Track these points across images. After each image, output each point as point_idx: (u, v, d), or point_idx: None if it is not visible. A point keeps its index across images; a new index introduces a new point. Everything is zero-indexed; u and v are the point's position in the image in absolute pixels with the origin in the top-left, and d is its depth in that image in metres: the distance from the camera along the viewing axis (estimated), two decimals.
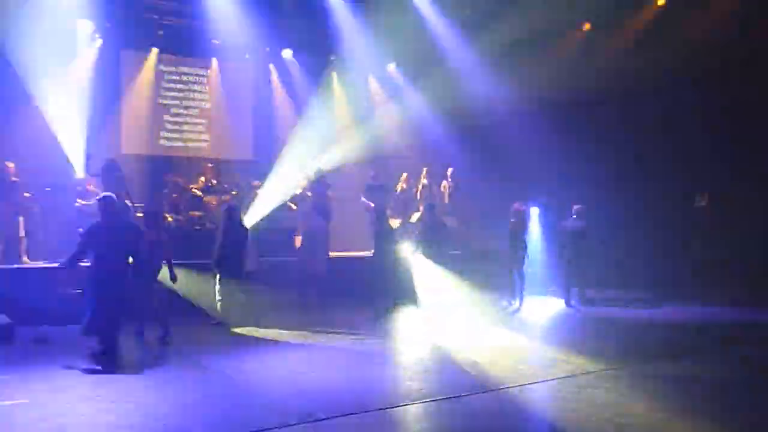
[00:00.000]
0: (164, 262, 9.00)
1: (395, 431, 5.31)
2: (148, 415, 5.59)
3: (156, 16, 14.93)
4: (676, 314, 10.72)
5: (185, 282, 10.48)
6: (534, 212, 14.08)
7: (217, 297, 10.25)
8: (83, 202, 12.06)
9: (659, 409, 5.60)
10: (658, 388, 6.28)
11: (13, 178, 11.36)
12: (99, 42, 14.82)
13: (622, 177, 13.65)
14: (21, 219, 11.30)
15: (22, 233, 11.28)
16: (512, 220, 11.83)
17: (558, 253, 12.60)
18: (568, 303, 11.84)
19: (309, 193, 13.82)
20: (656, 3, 13.95)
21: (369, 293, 11.59)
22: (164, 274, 9.11)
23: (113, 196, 8.28)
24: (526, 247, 11.94)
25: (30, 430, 5.18)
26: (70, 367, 7.24)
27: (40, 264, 11.10)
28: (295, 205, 14.09)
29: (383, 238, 12.03)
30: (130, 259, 8.04)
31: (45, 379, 6.75)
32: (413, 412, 5.64)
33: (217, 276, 10.26)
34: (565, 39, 15.43)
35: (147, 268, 8.69)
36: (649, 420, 5.29)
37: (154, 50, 15.71)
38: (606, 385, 6.38)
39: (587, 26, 15.22)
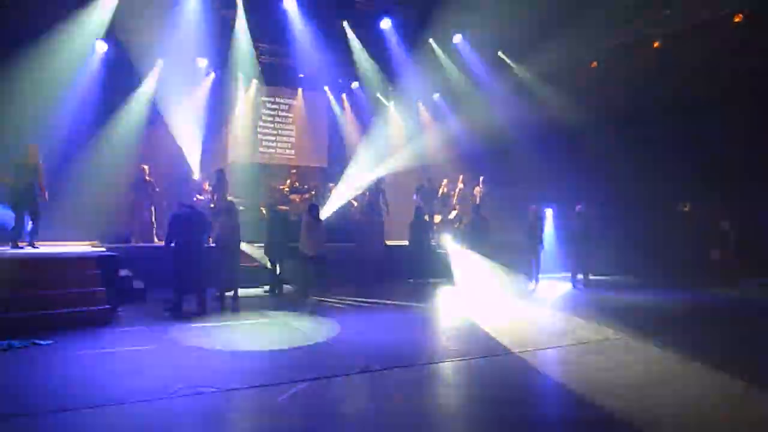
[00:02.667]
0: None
1: (435, 382, 5.18)
2: (237, 356, 5.62)
3: (256, 56, 15.11)
4: (664, 296, 10.29)
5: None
6: (548, 212, 13.81)
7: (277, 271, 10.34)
8: (200, 197, 12.30)
9: (648, 372, 5.34)
10: (648, 354, 5.99)
11: (147, 178, 11.62)
12: (213, 75, 15.10)
13: (621, 186, 13.24)
14: (153, 209, 11.57)
15: (152, 220, 11.54)
16: (530, 218, 11.64)
17: (566, 245, 12.34)
18: (574, 285, 11.52)
19: (368, 194, 13.83)
20: (653, 45, 13.46)
21: (409, 271, 11.83)
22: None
23: (191, 197, 8.62)
24: (541, 239, 11.76)
25: (154, 370, 5.25)
26: (186, 322, 7.37)
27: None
28: (356, 202, 14.10)
29: (415, 229, 12.20)
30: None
31: (168, 330, 6.86)
32: (449, 367, 5.51)
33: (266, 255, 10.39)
34: (575, 75, 15.06)
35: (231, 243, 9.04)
36: (639, 381, 5.03)
37: (254, 81, 15.91)
38: (606, 351, 6.12)
39: (594, 64, 14.80)
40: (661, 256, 13.02)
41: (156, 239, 11.56)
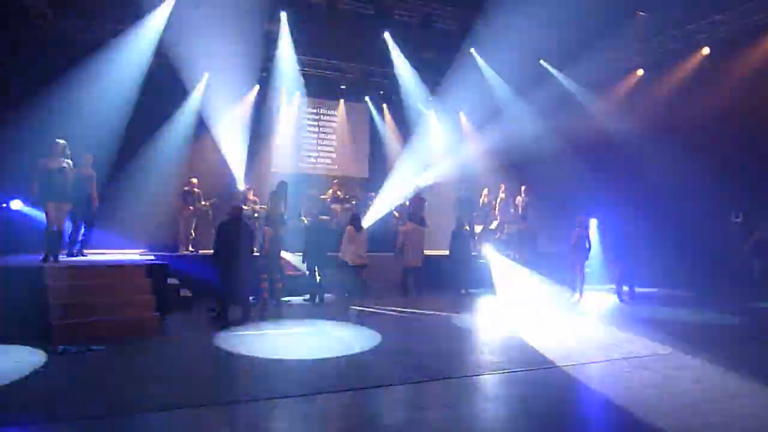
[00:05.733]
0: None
1: (477, 395, 5.16)
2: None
3: (299, 68, 15.39)
4: (715, 310, 9.95)
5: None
6: (593, 222, 13.56)
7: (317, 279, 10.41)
8: (245, 207, 12.55)
9: (698, 389, 5.18)
10: (698, 371, 5.81)
11: (196, 190, 11.95)
12: (257, 87, 15.44)
13: (670, 196, 12.87)
14: (194, 221, 11.89)
15: (192, 230, 11.85)
16: (575, 228, 11.43)
17: (612, 256, 12.08)
18: (620, 298, 11.25)
19: (408, 203, 13.90)
20: (701, 52, 13.11)
21: (449, 281, 11.82)
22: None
23: (240, 205, 8.80)
24: (585, 250, 11.52)
25: (199, 377, 5.38)
26: (231, 330, 7.54)
27: (211, 252, 11.60)
28: (398, 213, 14.15)
29: (455, 239, 12.14)
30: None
31: (214, 338, 7.03)
32: (491, 380, 5.47)
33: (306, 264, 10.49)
34: (623, 83, 14.79)
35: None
36: (688, 398, 4.89)
37: (297, 93, 16.20)
38: (654, 367, 5.97)
39: (640, 72, 14.51)
40: (711, 269, 12.59)
41: (191, 247, 11.81)
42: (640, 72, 14.48)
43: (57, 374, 5.34)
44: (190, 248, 11.78)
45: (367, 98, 17.22)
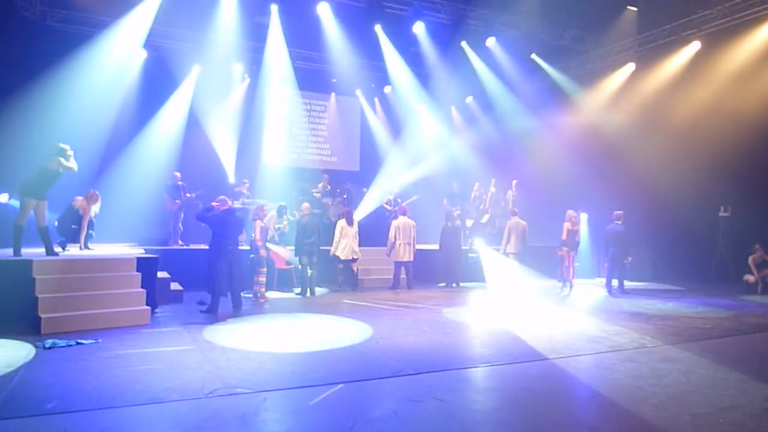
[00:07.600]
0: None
1: (467, 387, 5.18)
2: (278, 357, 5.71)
3: (290, 61, 15.33)
4: (702, 303, 10.05)
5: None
6: (583, 217, 13.63)
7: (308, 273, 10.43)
8: (236, 203, 12.49)
9: (685, 382, 5.23)
10: (686, 364, 5.87)
11: (180, 183, 11.88)
12: (247, 80, 15.37)
13: (658, 191, 12.96)
14: (182, 213, 11.83)
15: (180, 223, 11.81)
16: (565, 222, 11.50)
17: (602, 250, 12.16)
18: (609, 291, 11.33)
19: (399, 199, 13.91)
20: (691, 47, 13.18)
21: (440, 275, 12.00)
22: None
23: (226, 198, 8.78)
24: (575, 244, 11.61)
25: (191, 370, 5.38)
26: (221, 323, 7.52)
27: (201, 246, 11.57)
28: (389, 206, 14.15)
29: (445, 233, 12.21)
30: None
31: (204, 331, 7.01)
32: (482, 372, 5.50)
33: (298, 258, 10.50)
34: (614, 77, 14.84)
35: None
36: (675, 390, 4.94)
37: (288, 86, 16.14)
38: (642, 359, 6.03)
39: (631, 67, 14.55)
40: (699, 263, 12.71)
41: (180, 241, 11.77)
42: (631, 66, 14.52)
43: (45, 368, 5.30)
44: (180, 242, 11.73)
45: (358, 91, 17.18)
